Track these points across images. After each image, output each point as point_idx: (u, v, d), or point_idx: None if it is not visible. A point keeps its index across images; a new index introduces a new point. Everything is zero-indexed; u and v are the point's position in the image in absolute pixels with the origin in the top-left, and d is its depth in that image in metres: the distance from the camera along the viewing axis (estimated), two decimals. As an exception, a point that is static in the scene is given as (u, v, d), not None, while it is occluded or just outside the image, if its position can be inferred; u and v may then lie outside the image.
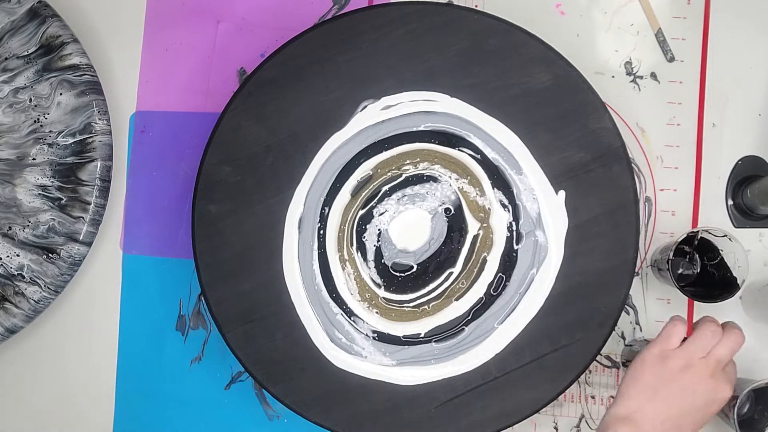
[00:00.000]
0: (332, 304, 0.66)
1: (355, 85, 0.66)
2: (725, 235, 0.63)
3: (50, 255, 0.68)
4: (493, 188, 0.67)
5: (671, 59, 0.71)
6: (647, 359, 0.57)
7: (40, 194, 0.69)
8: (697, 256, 0.69)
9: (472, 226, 0.67)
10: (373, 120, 0.66)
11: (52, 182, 0.69)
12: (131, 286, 0.72)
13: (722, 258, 0.65)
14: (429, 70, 0.66)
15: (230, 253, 0.66)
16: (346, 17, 0.66)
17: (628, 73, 0.71)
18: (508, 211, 0.66)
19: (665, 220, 0.70)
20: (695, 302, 0.69)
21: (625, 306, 0.69)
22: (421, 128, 0.66)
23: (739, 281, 0.63)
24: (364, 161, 0.67)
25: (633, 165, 0.68)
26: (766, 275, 0.69)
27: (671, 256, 0.63)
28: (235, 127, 0.66)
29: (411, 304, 0.66)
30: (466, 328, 0.66)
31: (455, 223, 0.67)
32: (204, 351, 0.71)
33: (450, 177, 0.67)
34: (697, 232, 0.63)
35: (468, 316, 0.66)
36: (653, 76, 0.71)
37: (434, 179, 0.67)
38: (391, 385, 0.66)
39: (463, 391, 0.65)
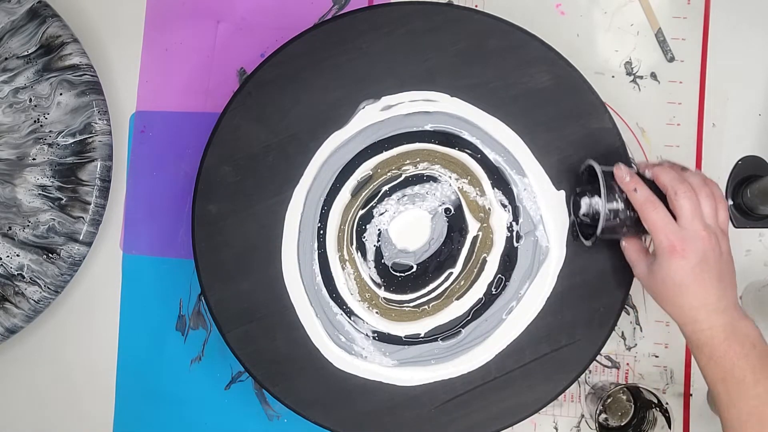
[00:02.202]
0: (332, 304, 0.66)
1: (355, 85, 0.66)
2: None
3: (50, 255, 0.68)
4: (493, 188, 0.67)
5: (671, 59, 0.71)
6: (681, 269, 0.55)
7: (40, 194, 0.69)
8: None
9: (472, 226, 0.67)
10: (373, 120, 0.66)
11: (52, 182, 0.69)
12: (131, 286, 0.72)
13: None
14: (429, 70, 0.66)
15: (230, 253, 0.66)
16: (346, 17, 0.66)
17: (628, 73, 0.71)
18: (508, 211, 0.66)
19: (665, 220, 0.70)
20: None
21: (625, 306, 0.69)
22: (423, 128, 0.66)
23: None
24: (364, 161, 0.67)
25: (633, 165, 0.68)
26: (766, 275, 0.69)
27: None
28: (235, 127, 0.66)
29: (411, 304, 0.66)
30: (467, 329, 0.66)
31: (455, 223, 0.67)
32: (204, 351, 0.71)
33: (450, 177, 0.67)
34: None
35: (468, 316, 0.66)
36: (653, 76, 0.71)
37: (434, 179, 0.67)
38: (391, 386, 0.66)
39: (463, 391, 0.65)
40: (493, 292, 0.66)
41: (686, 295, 0.56)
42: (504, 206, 0.66)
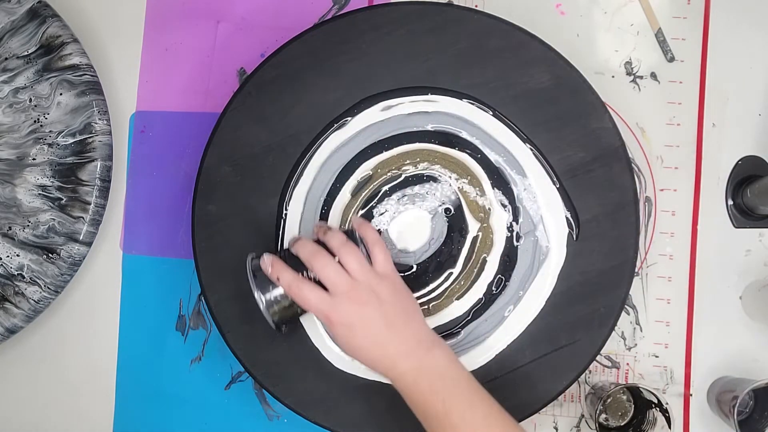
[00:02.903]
0: (332, 304, 0.66)
1: (355, 85, 0.66)
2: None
3: (50, 255, 0.68)
4: (493, 188, 0.66)
5: (671, 59, 0.71)
6: (344, 335, 0.56)
7: (40, 194, 0.69)
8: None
9: (472, 226, 0.66)
10: (373, 120, 0.66)
11: (52, 182, 0.69)
12: (131, 286, 0.72)
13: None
14: (429, 70, 0.66)
15: (230, 253, 0.66)
16: (346, 17, 0.66)
17: (628, 73, 0.71)
18: (508, 211, 0.66)
19: (665, 220, 0.70)
20: (695, 302, 0.69)
21: (625, 306, 0.69)
22: (423, 128, 0.66)
23: None
24: (364, 161, 0.67)
25: (633, 165, 0.68)
26: (766, 275, 0.69)
27: None
28: (235, 127, 0.66)
29: (411, 304, 0.66)
30: (467, 329, 0.66)
31: (455, 223, 0.67)
32: (204, 351, 0.71)
33: (450, 177, 0.67)
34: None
35: (468, 316, 0.66)
36: (653, 76, 0.71)
37: (434, 179, 0.67)
38: (391, 386, 0.66)
39: (463, 391, 0.65)
40: (493, 292, 0.66)
41: (366, 353, 0.56)
42: (504, 206, 0.66)
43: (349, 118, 0.66)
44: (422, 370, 0.55)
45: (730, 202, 0.70)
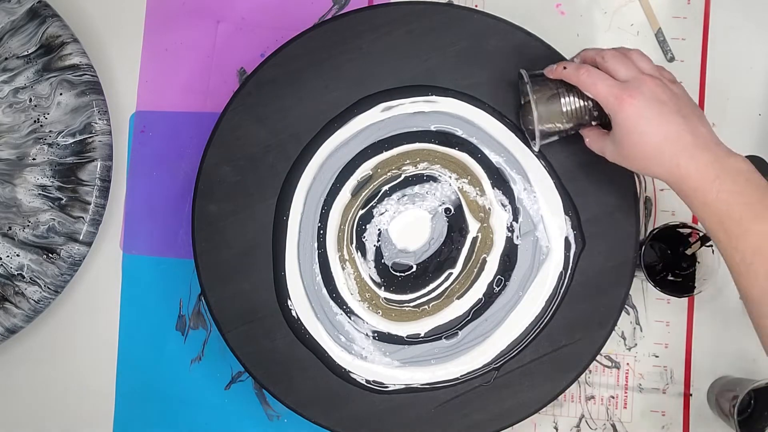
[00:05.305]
0: (332, 304, 0.66)
1: (355, 85, 0.66)
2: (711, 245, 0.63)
3: (50, 255, 0.68)
4: (493, 188, 0.67)
5: (671, 59, 0.71)
6: (635, 112, 0.52)
7: (40, 194, 0.69)
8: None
9: (472, 226, 0.67)
10: (373, 120, 0.66)
11: (52, 182, 0.69)
12: (131, 286, 0.72)
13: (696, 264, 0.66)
14: (429, 70, 0.66)
15: (230, 253, 0.66)
16: (346, 17, 0.66)
17: (628, 73, 0.71)
18: (508, 211, 0.66)
19: (665, 220, 0.70)
20: (695, 302, 0.69)
21: (625, 306, 0.69)
22: (423, 128, 0.66)
23: (695, 291, 0.64)
24: (364, 161, 0.67)
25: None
26: (766, 275, 0.69)
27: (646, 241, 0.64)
28: (235, 127, 0.66)
29: (411, 304, 0.66)
30: (466, 329, 0.66)
31: (455, 222, 0.67)
32: (204, 351, 0.71)
33: (450, 177, 0.67)
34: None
35: (468, 316, 0.66)
36: (653, 76, 0.71)
37: (434, 179, 0.67)
38: (391, 386, 0.66)
39: (463, 391, 0.65)
40: (493, 292, 0.66)
41: (654, 137, 0.51)
42: (504, 206, 0.66)
43: (349, 118, 0.66)
44: (726, 168, 0.49)
45: (730, 202, 0.70)
